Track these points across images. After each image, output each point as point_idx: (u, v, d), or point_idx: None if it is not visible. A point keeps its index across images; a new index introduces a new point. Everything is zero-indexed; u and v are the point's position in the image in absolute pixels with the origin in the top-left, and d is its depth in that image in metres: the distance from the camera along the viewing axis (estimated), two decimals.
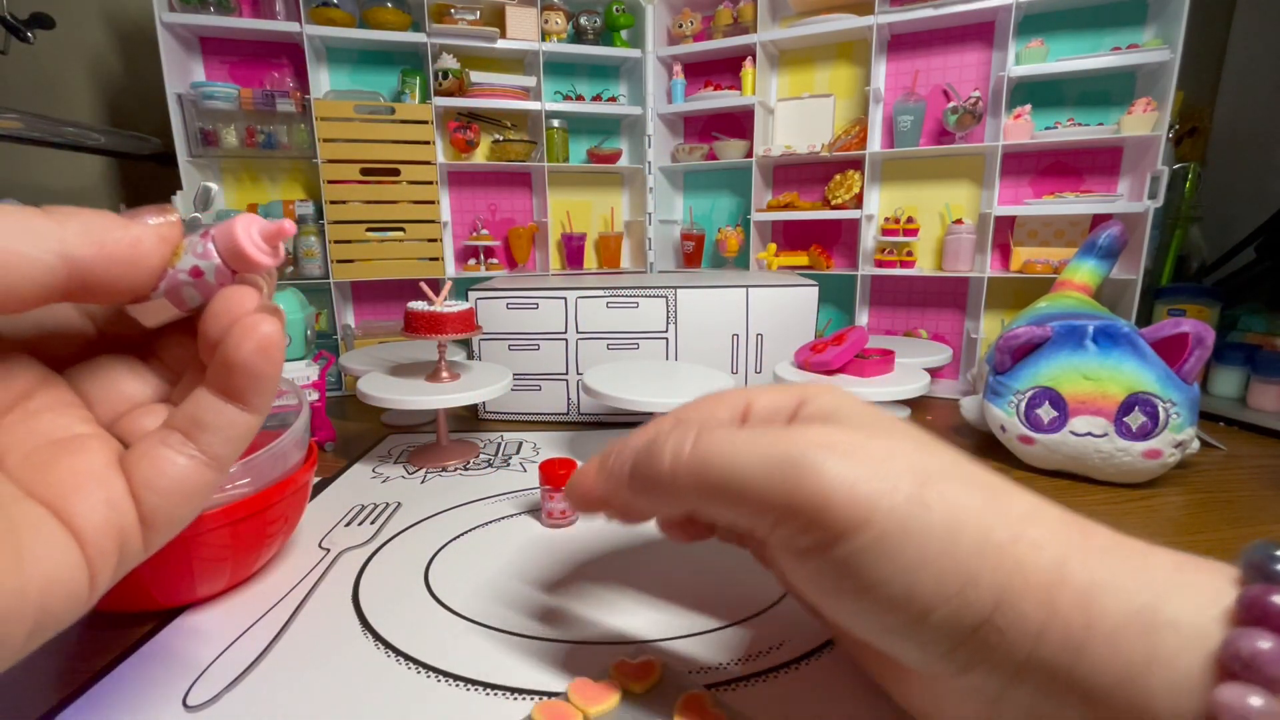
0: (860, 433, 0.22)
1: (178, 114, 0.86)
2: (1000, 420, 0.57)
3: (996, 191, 0.86)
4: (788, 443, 0.21)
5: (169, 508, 0.21)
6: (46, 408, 0.21)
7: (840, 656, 0.31)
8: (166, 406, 0.23)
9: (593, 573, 0.40)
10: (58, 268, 0.18)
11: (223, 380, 0.21)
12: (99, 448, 0.21)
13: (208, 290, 0.21)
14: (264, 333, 0.21)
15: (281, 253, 0.22)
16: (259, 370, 0.21)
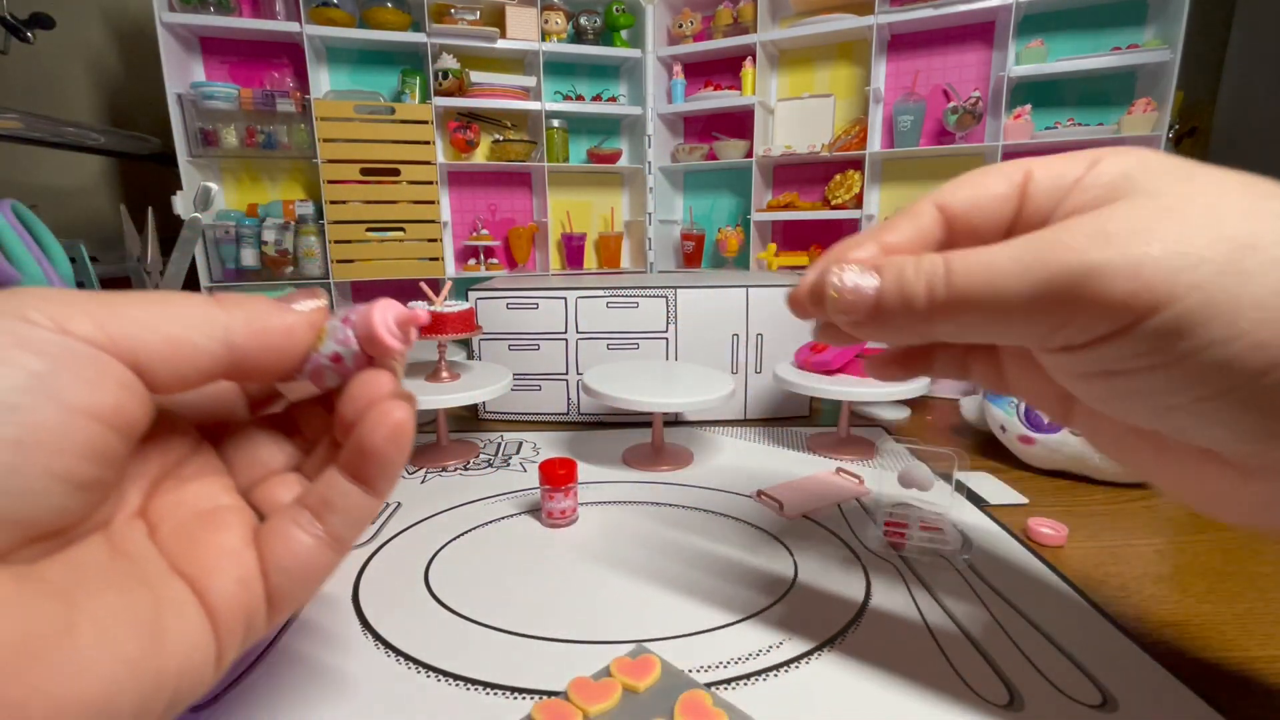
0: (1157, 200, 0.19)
1: (178, 114, 0.86)
2: (1000, 420, 0.57)
3: None
4: (1057, 254, 0.19)
5: (293, 588, 0.21)
6: (195, 475, 0.22)
7: (840, 656, 0.31)
8: (299, 477, 0.24)
9: (593, 573, 0.40)
10: (221, 354, 0.20)
11: (354, 463, 0.22)
12: (237, 522, 0.21)
13: (345, 373, 0.22)
14: (396, 419, 0.21)
15: (413, 339, 0.23)
16: (389, 457, 0.21)
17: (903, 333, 0.22)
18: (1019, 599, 0.36)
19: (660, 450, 0.60)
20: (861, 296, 0.22)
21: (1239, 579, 0.38)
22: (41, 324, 0.16)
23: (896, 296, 0.21)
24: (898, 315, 0.21)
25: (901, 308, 0.21)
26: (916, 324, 0.21)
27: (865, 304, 0.22)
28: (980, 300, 0.20)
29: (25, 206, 0.59)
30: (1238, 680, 0.30)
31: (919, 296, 0.21)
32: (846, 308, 0.22)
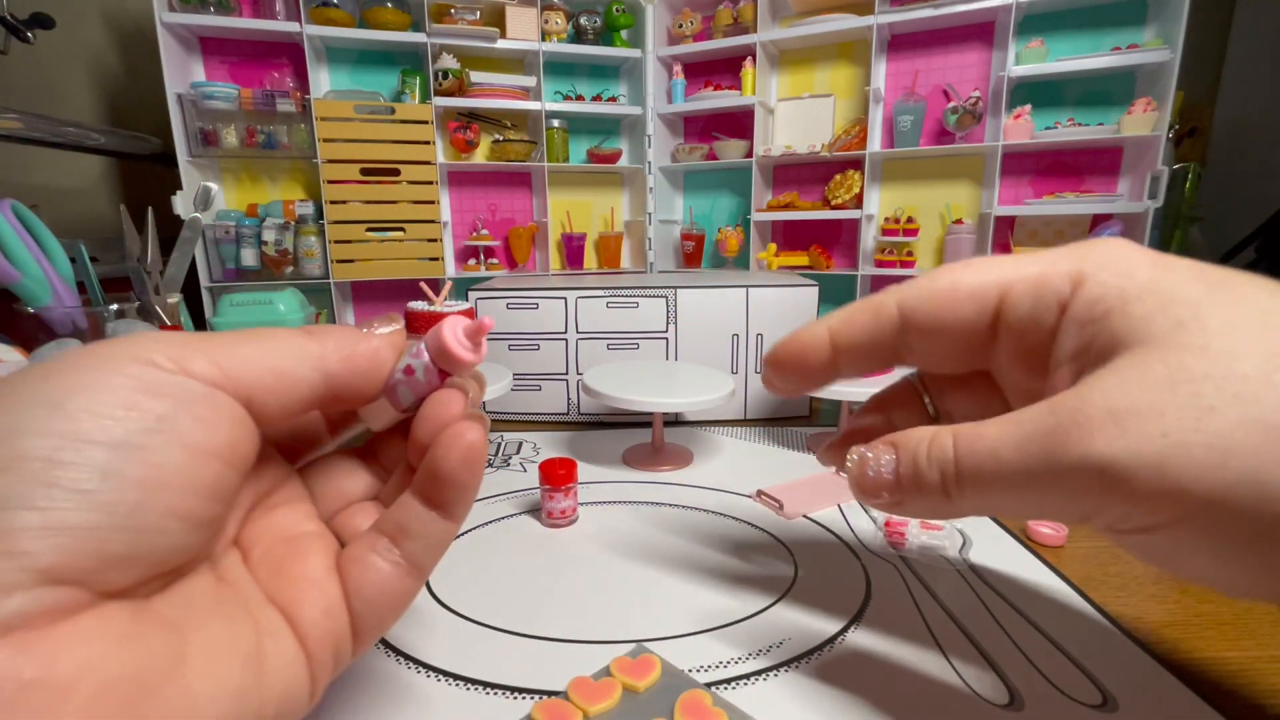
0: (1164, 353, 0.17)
1: (178, 114, 0.86)
2: None
3: (997, 191, 0.86)
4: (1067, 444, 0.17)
5: (375, 616, 0.21)
6: (283, 502, 0.22)
7: (840, 656, 0.31)
8: (377, 505, 0.24)
9: (593, 573, 0.40)
10: (320, 384, 0.20)
11: (428, 488, 0.22)
12: (321, 549, 0.22)
13: (419, 389, 0.22)
14: (469, 441, 0.21)
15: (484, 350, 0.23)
16: (463, 481, 0.21)
17: (928, 512, 0.22)
18: (1019, 599, 0.36)
19: (660, 450, 0.60)
20: (884, 482, 0.22)
21: None
22: (165, 366, 0.17)
23: (913, 482, 0.21)
24: (915, 498, 0.21)
25: (917, 492, 0.21)
26: (939, 504, 0.21)
27: (887, 487, 0.22)
28: (993, 487, 0.19)
29: (25, 206, 0.59)
30: (1238, 680, 0.30)
31: (933, 484, 0.21)
32: (872, 491, 0.22)
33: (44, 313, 0.56)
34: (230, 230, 0.91)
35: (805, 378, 0.27)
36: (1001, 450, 0.19)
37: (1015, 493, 0.19)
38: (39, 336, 0.55)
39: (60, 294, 0.58)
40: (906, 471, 0.21)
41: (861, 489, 0.23)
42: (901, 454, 0.22)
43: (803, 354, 0.26)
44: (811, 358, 0.26)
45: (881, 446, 0.22)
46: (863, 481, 0.23)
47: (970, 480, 0.20)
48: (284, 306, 0.71)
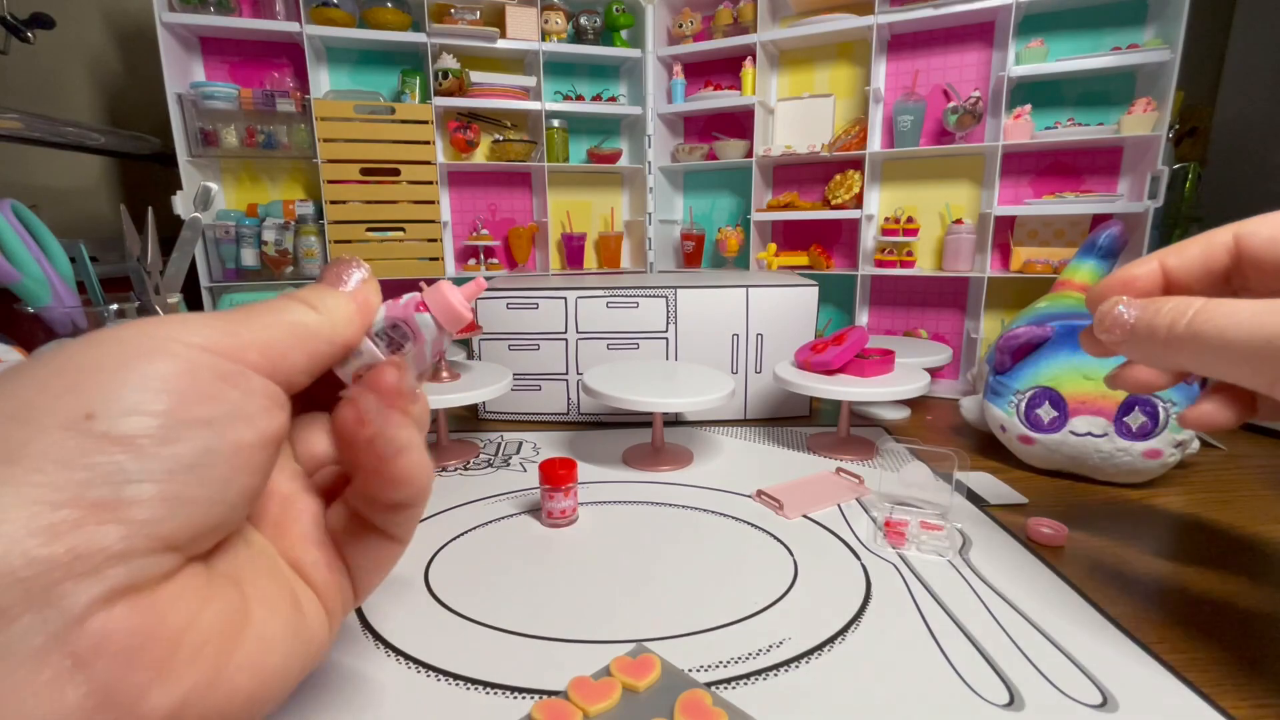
0: None
1: (178, 114, 0.86)
2: (1000, 420, 0.57)
3: (996, 191, 0.86)
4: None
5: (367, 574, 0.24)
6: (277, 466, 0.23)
7: (840, 656, 0.31)
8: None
9: (593, 573, 0.40)
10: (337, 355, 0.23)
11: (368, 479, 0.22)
12: (311, 510, 0.23)
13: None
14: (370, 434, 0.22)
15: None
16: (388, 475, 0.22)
17: (1148, 356, 0.27)
18: (1019, 599, 0.36)
19: (660, 450, 0.60)
20: (1121, 323, 0.28)
21: (1239, 579, 0.38)
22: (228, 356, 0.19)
23: (1146, 326, 0.27)
24: (1143, 342, 0.27)
25: (1148, 335, 0.27)
26: (1157, 350, 0.26)
27: (1123, 329, 0.28)
28: (1210, 343, 0.24)
29: (25, 206, 0.59)
30: (1238, 680, 0.30)
31: (1159, 331, 0.26)
32: (1109, 329, 0.28)
33: (44, 313, 0.56)
34: (230, 230, 0.91)
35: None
36: (1240, 314, 0.23)
37: (1227, 352, 0.24)
38: (39, 336, 0.55)
39: (60, 294, 0.58)
40: (1143, 318, 0.27)
41: (1101, 323, 0.28)
42: (1148, 308, 0.27)
43: (1132, 280, 0.29)
44: (1141, 284, 0.29)
45: (1140, 301, 0.27)
46: (1105, 318, 0.28)
47: (1195, 333, 0.24)
48: None
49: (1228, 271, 0.28)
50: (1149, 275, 0.29)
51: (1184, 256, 0.29)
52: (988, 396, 0.59)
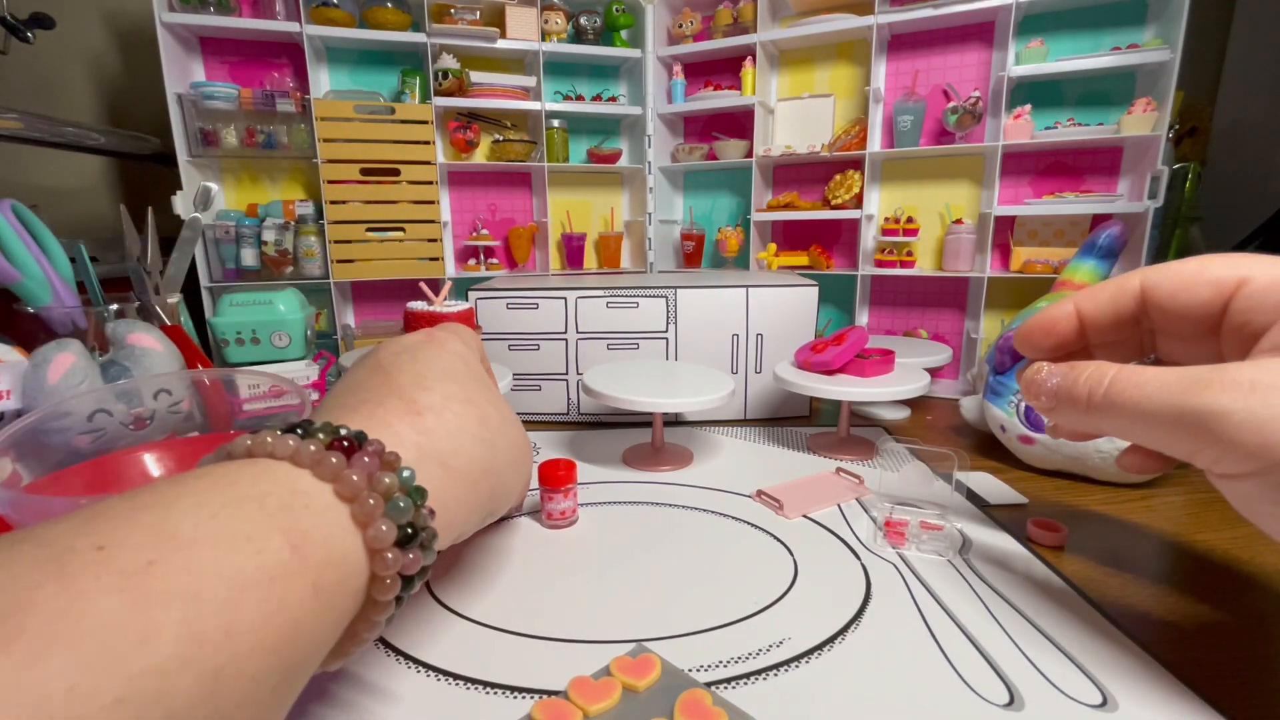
0: None
1: (178, 114, 0.86)
2: (1000, 420, 0.57)
3: (996, 191, 0.86)
4: (1196, 390, 0.23)
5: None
6: None
7: (840, 656, 0.31)
8: None
9: (593, 573, 0.40)
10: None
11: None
12: None
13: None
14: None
15: None
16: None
17: (1075, 422, 0.29)
18: (1019, 599, 0.36)
19: (660, 450, 0.60)
20: (1046, 389, 0.29)
21: (1239, 578, 0.38)
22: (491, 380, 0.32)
23: (1066, 395, 0.28)
24: (1066, 408, 0.28)
25: (1069, 403, 0.28)
26: (1080, 416, 0.28)
27: (1048, 394, 0.29)
28: (1126, 412, 0.25)
29: (25, 206, 0.59)
30: (1238, 680, 0.30)
31: (1080, 399, 0.28)
32: (1035, 394, 0.30)
33: (44, 313, 0.56)
34: (230, 230, 0.91)
35: (1054, 346, 0.31)
36: (1149, 386, 0.25)
37: (1142, 422, 0.25)
38: (39, 336, 0.55)
39: (60, 294, 0.58)
40: (1064, 385, 0.28)
41: (1028, 390, 0.30)
42: (1068, 374, 0.28)
43: (1052, 324, 0.31)
44: (1060, 327, 0.31)
45: (1061, 367, 0.29)
46: (1030, 385, 0.30)
47: (1112, 402, 0.26)
48: (284, 306, 0.71)
49: (1136, 316, 0.30)
50: (1066, 319, 0.31)
51: (1096, 301, 0.30)
52: (988, 396, 0.59)
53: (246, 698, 0.17)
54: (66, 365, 0.47)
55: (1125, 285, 0.29)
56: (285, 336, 0.70)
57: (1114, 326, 0.30)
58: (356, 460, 0.22)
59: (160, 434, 0.47)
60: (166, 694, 0.15)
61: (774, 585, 0.38)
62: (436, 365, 0.31)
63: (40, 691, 0.14)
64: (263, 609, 0.18)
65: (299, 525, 0.20)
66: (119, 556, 0.16)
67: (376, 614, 0.23)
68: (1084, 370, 0.28)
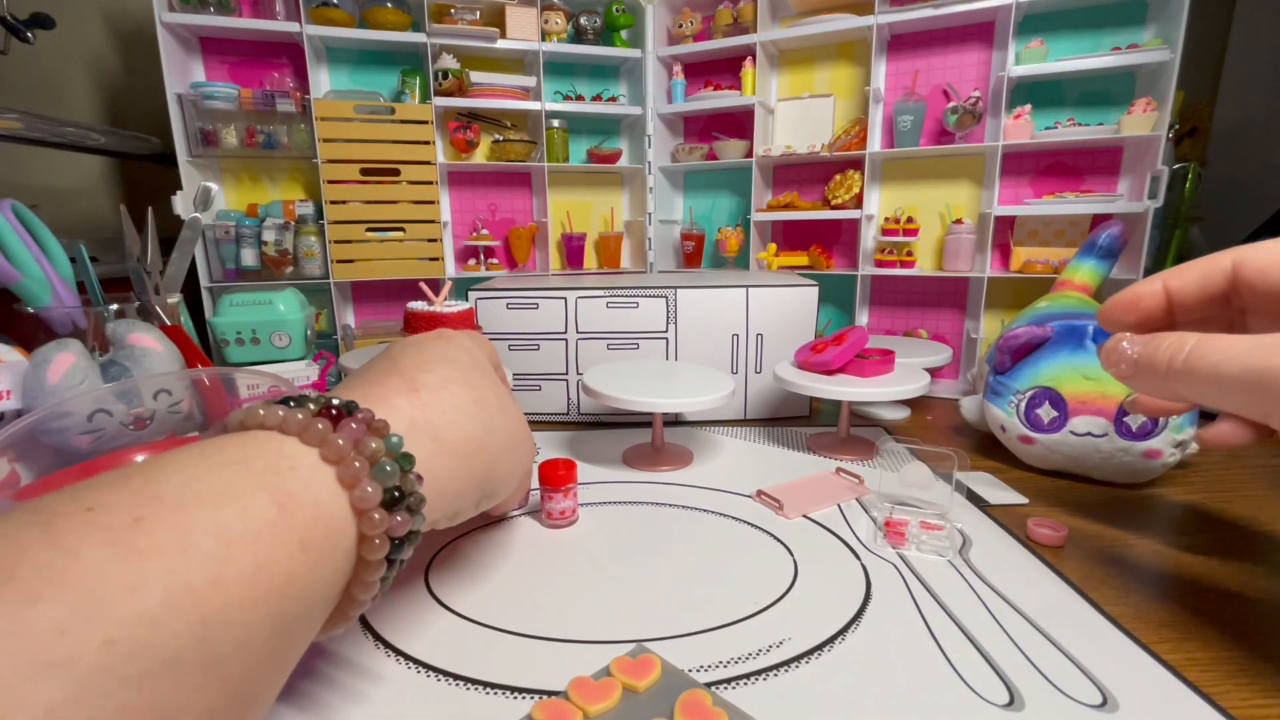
0: None
1: (178, 114, 0.86)
2: (1000, 420, 0.57)
3: (996, 191, 0.85)
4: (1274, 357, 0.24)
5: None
6: None
7: (840, 656, 0.31)
8: None
9: (593, 573, 0.40)
10: None
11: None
12: None
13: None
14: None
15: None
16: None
17: (1153, 388, 0.29)
18: (1019, 599, 0.36)
19: (660, 450, 0.60)
20: (1125, 357, 0.30)
21: (1238, 578, 0.38)
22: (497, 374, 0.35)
23: (1147, 361, 0.29)
24: (1145, 376, 0.29)
25: (1149, 371, 0.29)
26: (1158, 383, 0.28)
27: (1128, 363, 0.30)
28: (1205, 378, 0.26)
29: (25, 206, 0.59)
30: (1238, 680, 0.30)
31: (1159, 366, 0.28)
32: (1115, 363, 0.30)
33: (44, 313, 0.56)
34: (230, 230, 0.91)
35: (1138, 321, 0.32)
36: (1228, 351, 0.25)
37: (1219, 385, 0.26)
38: (39, 336, 0.55)
39: (60, 294, 0.58)
40: (1145, 353, 0.29)
41: (1108, 359, 0.31)
42: (1149, 342, 0.29)
43: (1136, 300, 0.31)
44: (1145, 303, 0.31)
45: (1142, 337, 0.29)
46: (1110, 354, 0.30)
47: (1191, 368, 0.26)
48: (284, 306, 0.71)
49: (1226, 294, 0.30)
50: (1152, 295, 0.31)
51: (1184, 279, 0.30)
52: (988, 396, 0.59)
53: (239, 646, 0.18)
54: (66, 365, 0.47)
55: (1216, 262, 0.30)
56: (285, 336, 0.70)
57: (1202, 304, 0.30)
58: (344, 426, 0.24)
59: (160, 434, 0.47)
60: (155, 639, 0.16)
61: (774, 585, 0.38)
62: (439, 353, 0.33)
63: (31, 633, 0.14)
64: (251, 562, 0.19)
65: (285, 485, 0.21)
66: (106, 516, 0.17)
67: (368, 574, 0.24)
68: (1165, 339, 0.28)
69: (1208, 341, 0.26)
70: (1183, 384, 0.27)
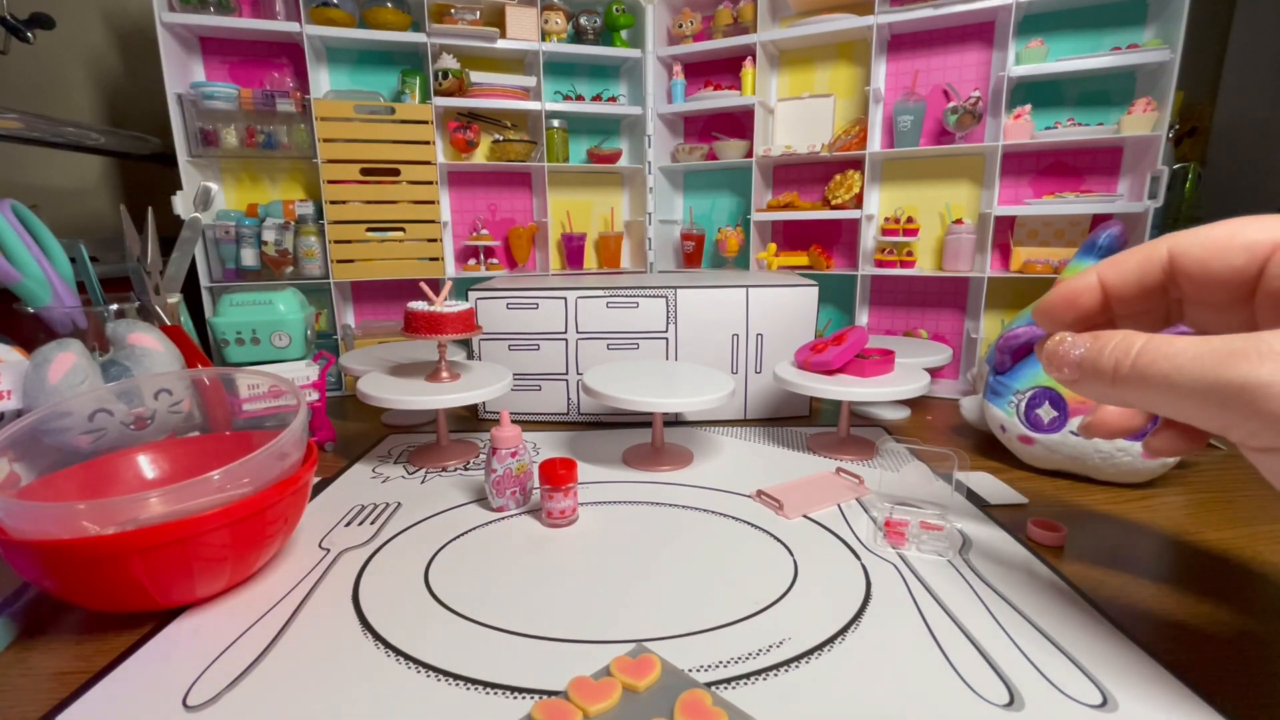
0: None
1: (178, 114, 0.86)
2: (1000, 420, 0.57)
3: (996, 191, 0.85)
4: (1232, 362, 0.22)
5: None
6: None
7: (840, 656, 0.31)
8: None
9: (593, 573, 0.40)
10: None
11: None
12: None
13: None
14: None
15: None
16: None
17: (1099, 395, 0.27)
18: (1019, 599, 0.36)
19: (660, 450, 0.60)
20: (1067, 359, 0.27)
21: (1238, 578, 0.38)
22: None
23: (1091, 366, 0.26)
24: (1090, 380, 0.27)
25: (1093, 374, 0.26)
26: (1105, 389, 0.26)
27: (1070, 365, 0.27)
28: (1156, 384, 0.24)
29: (25, 206, 0.59)
30: (1238, 680, 0.30)
31: (1105, 371, 0.26)
32: (1054, 365, 0.28)
33: (44, 313, 0.56)
34: (230, 230, 0.91)
35: (1076, 319, 0.29)
36: (1180, 358, 0.23)
37: (1172, 395, 0.23)
38: (39, 336, 0.55)
39: (60, 294, 0.58)
40: (1089, 356, 0.26)
41: (1049, 362, 0.28)
42: (1093, 344, 0.26)
43: (1075, 296, 0.29)
44: (1083, 299, 0.29)
45: (1084, 337, 0.27)
46: (1052, 356, 0.28)
47: (1140, 374, 0.24)
48: (284, 306, 0.71)
49: (1163, 285, 0.28)
50: (1089, 290, 0.29)
51: (1120, 272, 0.28)
52: (988, 396, 0.59)
53: None
54: (67, 365, 0.47)
55: (1152, 253, 0.28)
56: (285, 336, 0.70)
57: (1140, 296, 0.28)
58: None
59: (160, 434, 0.47)
60: None
61: (774, 585, 0.38)
62: None
63: None
64: None
65: None
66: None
67: None
68: (1110, 340, 0.26)
69: (1155, 344, 0.24)
70: (1132, 392, 0.25)
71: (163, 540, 0.32)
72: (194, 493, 0.34)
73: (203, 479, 0.34)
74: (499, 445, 0.47)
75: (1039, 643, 0.32)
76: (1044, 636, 0.33)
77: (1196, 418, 0.24)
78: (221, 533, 0.35)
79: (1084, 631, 0.33)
